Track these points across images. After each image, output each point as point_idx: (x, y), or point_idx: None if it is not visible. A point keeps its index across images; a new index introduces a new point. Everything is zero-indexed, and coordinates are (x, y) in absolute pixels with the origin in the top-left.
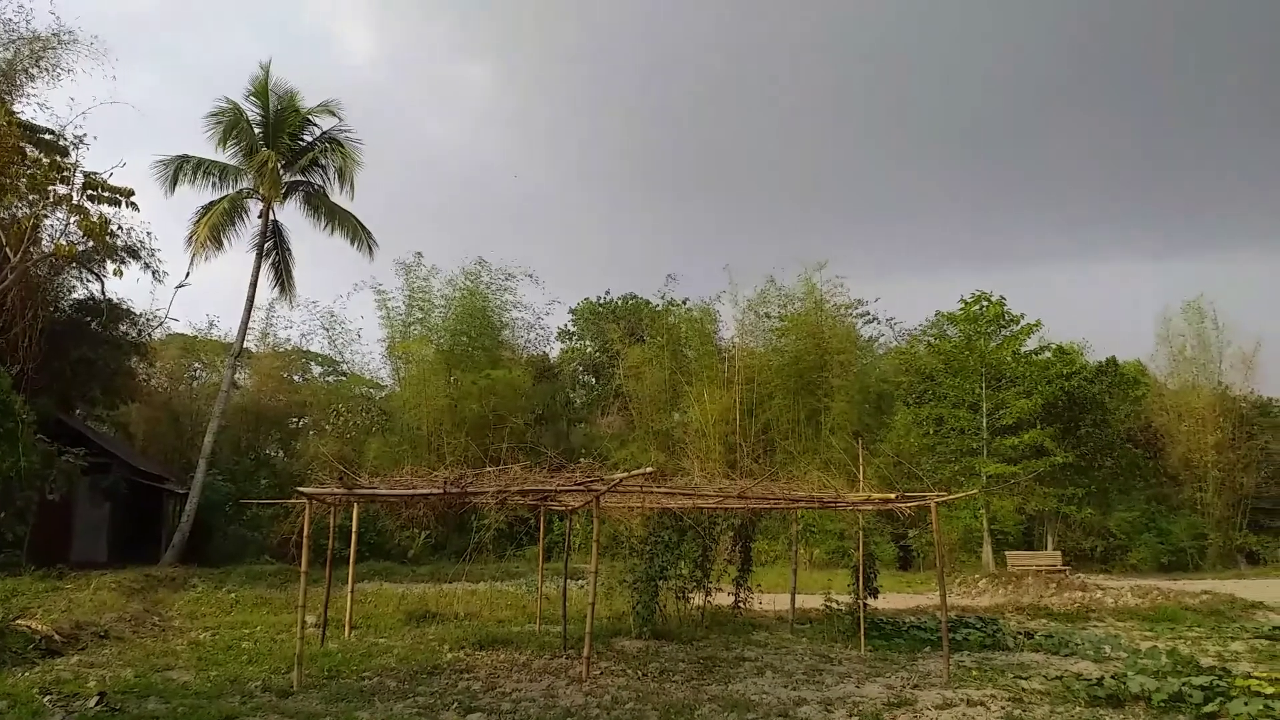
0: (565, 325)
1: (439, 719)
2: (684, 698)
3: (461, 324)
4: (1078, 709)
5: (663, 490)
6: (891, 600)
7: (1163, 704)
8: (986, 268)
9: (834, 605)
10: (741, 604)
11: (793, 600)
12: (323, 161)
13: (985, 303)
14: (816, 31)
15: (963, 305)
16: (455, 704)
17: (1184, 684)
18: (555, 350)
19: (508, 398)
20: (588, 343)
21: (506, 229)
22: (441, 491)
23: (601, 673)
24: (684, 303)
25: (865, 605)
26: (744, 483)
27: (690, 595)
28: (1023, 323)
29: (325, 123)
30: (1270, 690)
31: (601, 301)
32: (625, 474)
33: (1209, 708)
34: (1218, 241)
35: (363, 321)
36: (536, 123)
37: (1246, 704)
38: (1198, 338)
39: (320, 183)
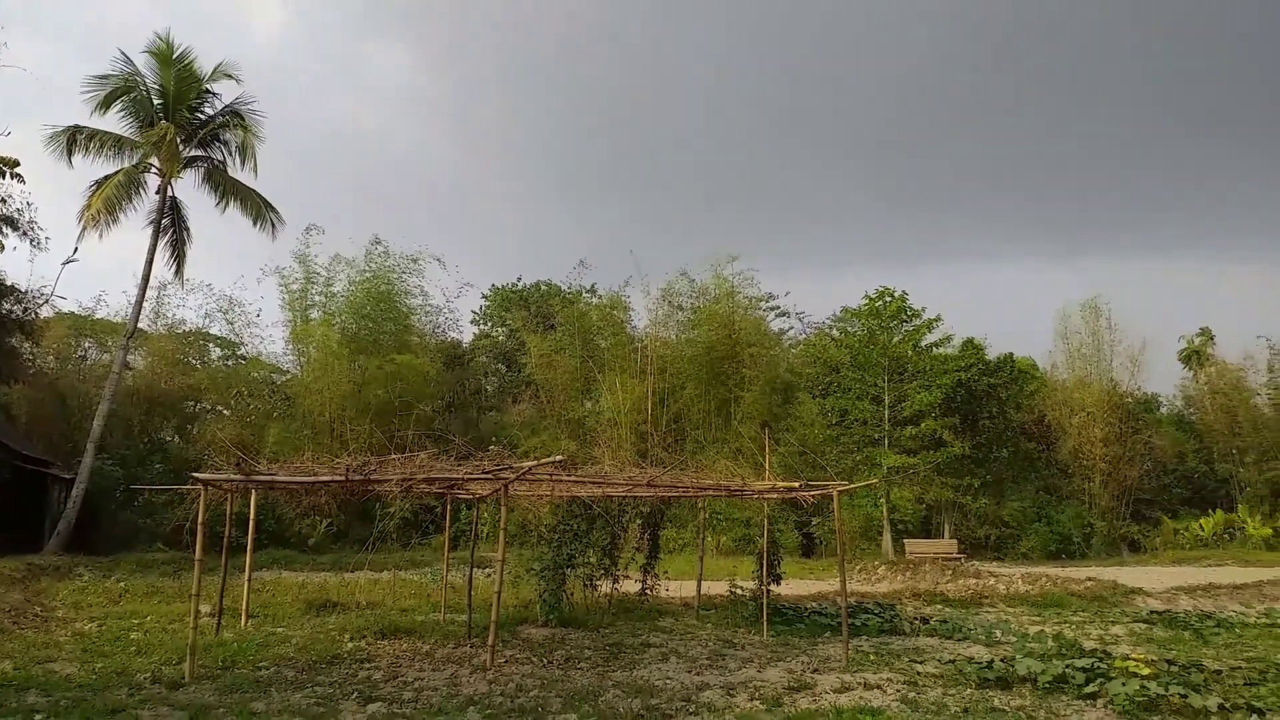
0: (478, 310)
1: (338, 709)
2: (588, 684)
3: (366, 307)
4: (969, 691)
5: (572, 479)
6: (794, 586)
7: (1048, 685)
8: (893, 265)
9: (739, 591)
10: (649, 591)
11: (699, 587)
12: (224, 136)
13: (888, 298)
14: (732, 34)
15: (867, 300)
16: (355, 693)
17: (1067, 666)
18: (468, 336)
19: (415, 384)
20: (500, 329)
21: (420, 213)
22: (344, 479)
23: (506, 661)
24: (592, 288)
25: (769, 591)
26: (654, 471)
27: (598, 583)
28: (924, 317)
29: (227, 95)
30: (1146, 671)
31: (514, 288)
32: (535, 463)
33: (1090, 688)
34: (1114, 246)
35: (264, 303)
36: (451, 107)
37: (1124, 684)
38: (1092, 336)
39: (221, 158)
